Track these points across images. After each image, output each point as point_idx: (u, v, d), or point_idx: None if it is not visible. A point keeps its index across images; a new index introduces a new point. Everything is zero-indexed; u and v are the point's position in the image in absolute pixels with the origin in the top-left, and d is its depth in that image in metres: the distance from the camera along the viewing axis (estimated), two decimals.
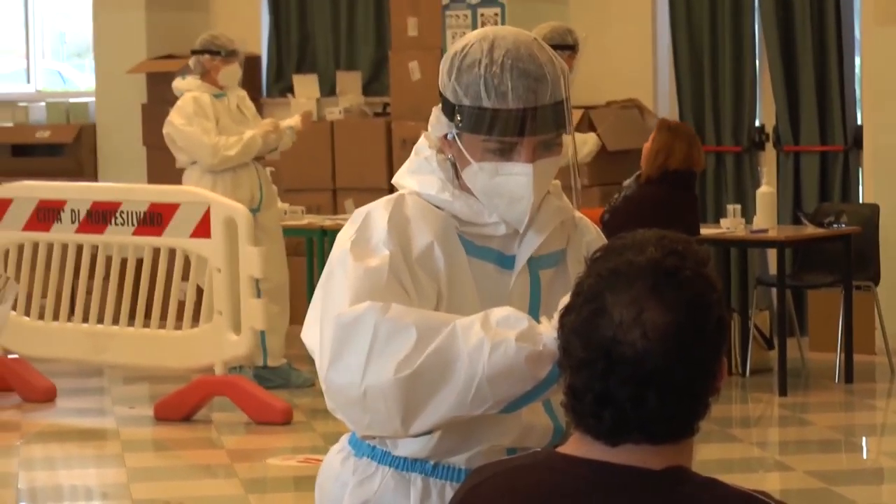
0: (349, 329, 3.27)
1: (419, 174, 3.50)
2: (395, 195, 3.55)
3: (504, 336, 3.17)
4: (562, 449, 2.75)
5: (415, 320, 3.24)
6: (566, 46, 11.24)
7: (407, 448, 3.46)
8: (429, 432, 3.35)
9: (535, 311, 3.45)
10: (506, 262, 3.50)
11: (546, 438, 3.49)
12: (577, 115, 11.72)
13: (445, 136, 3.47)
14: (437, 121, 3.48)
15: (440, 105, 3.49)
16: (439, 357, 3.20)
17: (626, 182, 10.37)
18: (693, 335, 2.62)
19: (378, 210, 3.48)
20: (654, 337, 2.59)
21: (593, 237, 3.60)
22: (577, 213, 3.65)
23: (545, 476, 2.72)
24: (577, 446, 2.72)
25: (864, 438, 10.34)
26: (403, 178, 3.54)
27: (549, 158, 3.44)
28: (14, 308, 11.07)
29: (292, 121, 11.58)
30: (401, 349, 3.21)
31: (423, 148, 3.56)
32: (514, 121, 3.37)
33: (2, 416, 10.92)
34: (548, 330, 3.16)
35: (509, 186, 3.43)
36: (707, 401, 2.66)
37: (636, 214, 9.52)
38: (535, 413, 3.44)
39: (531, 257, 3.50)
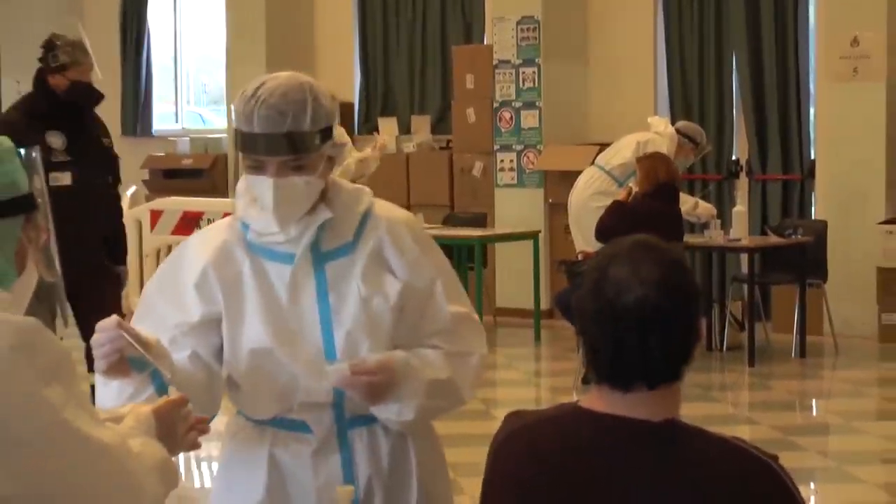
0: None
1: (236, 199, 3.38)
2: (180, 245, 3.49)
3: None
4: (582, 403, 2.70)
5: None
6: (693, 140, 11.12)
7: (257, 414, 3.40)
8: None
9: (322, 295, 3.32)
10: (290, 259, 3.32)
11: (328, 393, 3.30)
12: (592, 151, 11.67)
13: None
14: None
15: None
16: None
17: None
18: (677, 285, 2.60)
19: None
20: (650, 284, 2.57)
21: (383, 231, 3.38)
22: (376, 213, 3.40)
23: (569, 427, 2.70)
24: (595, 401, 2.67)
25: (814, 400, 10.29)
26: None
27: (297, 177, 3.24)
28: None
29: (370, 149, 11.54)
30: None
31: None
32: (255, 142, 3.23)
33: None
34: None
35: (261, 197, 3.27)
36: (689, 350, 2.63)
37: (633, 220, 9.44)
38: (315, 378, 3.28)
39: (321, 252, 3.33)
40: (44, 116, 7.41)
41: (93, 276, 7.41)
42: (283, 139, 3.23)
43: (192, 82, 16.97)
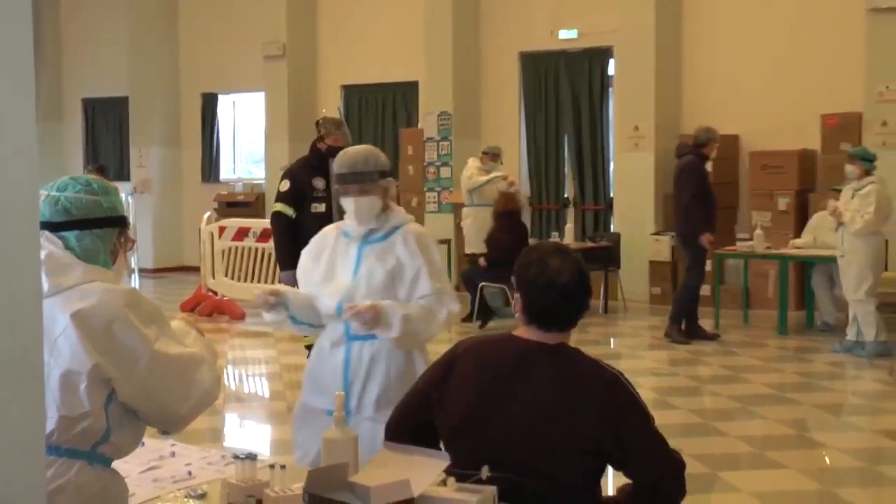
0: None
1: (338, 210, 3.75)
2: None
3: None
4: (514, 332, 2.71)
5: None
6: (486, 154, 11.19)
7: (322, 318, 3.61)
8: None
9: (358, 261, 3.54)
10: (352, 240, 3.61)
11: (334, 311, 3.52)
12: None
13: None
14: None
15: None
16: None
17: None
18: (585, 273, 2.66)
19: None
20: (573, 272, 2.64)
21: (401, 235, 3.58)
22: (404, 227, 3.60)
23: (504, 346, 2.70)
24: (522, 332, 2.69)
25: (612, 339, 10.26)
26: None
27: (365, 198, 3.52)
28: (227, 275, 11.01)
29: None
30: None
31: None
32: (342, 177, 3.52)
33: (220, 325, 10.77)
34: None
35: (349, 210, 3.55)
36: (583, 312, 2.68)
37: (497, 229, 9.65)
38: (331, 301, 3.53)
39: (366, 240, 3.57)
40: (313, 168, 7.05)
41: None
42: (357, 175, 3.50)
43: (243, 149, 16.74)
